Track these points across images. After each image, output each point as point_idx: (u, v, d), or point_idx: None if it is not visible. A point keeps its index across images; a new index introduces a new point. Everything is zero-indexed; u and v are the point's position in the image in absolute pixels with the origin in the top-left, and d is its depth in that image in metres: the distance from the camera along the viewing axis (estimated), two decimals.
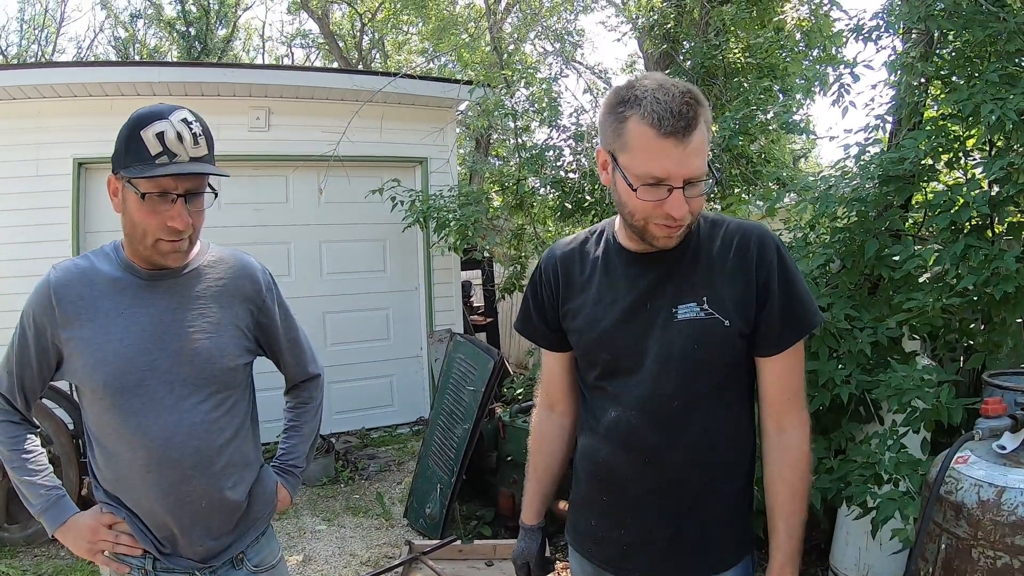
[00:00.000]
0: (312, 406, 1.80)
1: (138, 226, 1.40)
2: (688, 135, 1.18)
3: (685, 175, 1.20)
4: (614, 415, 1.39)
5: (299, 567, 3.70)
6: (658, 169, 1.20)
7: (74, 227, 5.31)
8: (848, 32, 3.34)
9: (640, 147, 1.21)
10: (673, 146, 1.18)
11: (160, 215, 1.38)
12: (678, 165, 1.19)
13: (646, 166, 1.21)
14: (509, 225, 6.69)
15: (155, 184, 1.36)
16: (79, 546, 1.50)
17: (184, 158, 1.36)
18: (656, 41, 6.70)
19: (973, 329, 2.83)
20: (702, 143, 1.21)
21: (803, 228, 3.30)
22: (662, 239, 1.29)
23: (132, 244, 1.46)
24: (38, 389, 1.54)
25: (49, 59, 17.13)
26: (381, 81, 5.81)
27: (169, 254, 1.44)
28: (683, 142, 1.18)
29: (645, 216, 1.26)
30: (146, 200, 1.36)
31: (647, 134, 1.19)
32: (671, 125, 1.17)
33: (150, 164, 1.34)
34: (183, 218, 1.39)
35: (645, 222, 1.27)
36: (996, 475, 1.52)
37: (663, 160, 1.19)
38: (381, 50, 17.81)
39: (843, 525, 3.15)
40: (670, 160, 1.19)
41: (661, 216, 1.24)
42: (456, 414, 4.03)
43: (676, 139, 1.17)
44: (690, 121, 1.17)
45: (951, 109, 2.71)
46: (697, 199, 1.25)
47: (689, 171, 1.20)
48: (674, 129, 1.17)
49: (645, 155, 1.20)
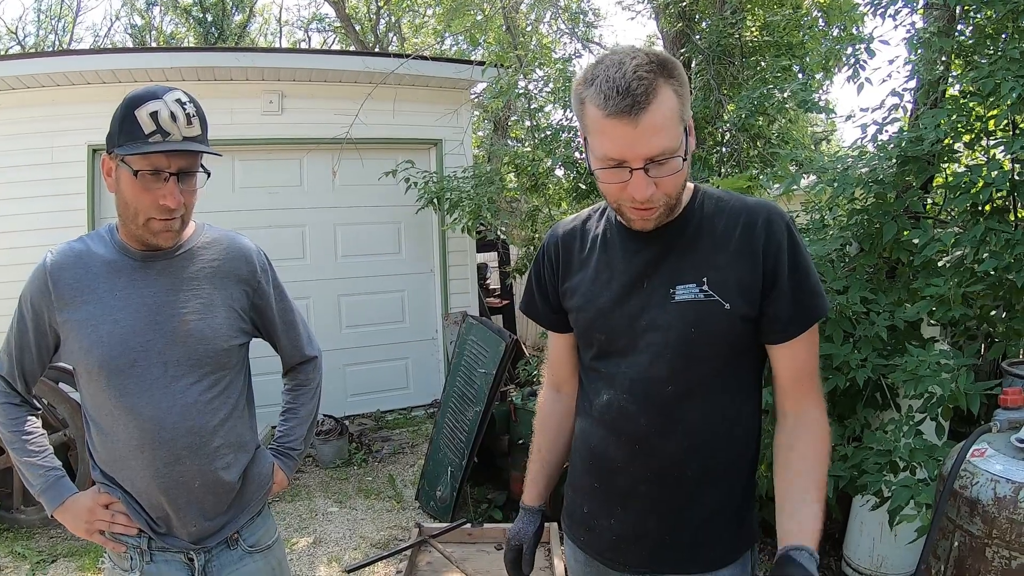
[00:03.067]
0: (309, 388, 1.79)
1: (130, 204, 1.41)
2: (638, 113, 1.10)
3: (643, 155, 1.13)
4: (606, 398, 1.34)
5: (310, 548, 3.73)
6: (612, 150, 1.14)
7: (90, 213, 5.36)
8: (866, 6, 3.23)
9: (594, 129, 1.16)
10: (623, 125, 1.11)
11: (152, 193, 1.38)
12: (632, 145, 1.12)
13: (602, 147, 1.16)
14: (524, 206, 6.64)
15: (148, 162, 1.36)
16: (77, 526, 1.52)
17: (177, 137, 1.37)
18: (671, 20, 6.57)
19: (994, 317, 2.75)
20: (665, 119, 1.12)
21: (820, 209, 3.22)
22: (637, 222, 1.25)
23: (125, 224, 1.46)
24: (38, 372, 1.56)
25: (66, 48, 17.24)
26: (394, 63, 5.76)
27: (160, 233, 1.44)
28: (633, 120, 1.10)
29: (616, 199, 1.22)
30: (139, 177, 1.37)
31: (597, 116, 1.14)
32: (615, 104, 1.10)
33: (143, 142, 1.35)
34: (175, 196, 1.40)
35: (619, 205, 1.23)
36: (1014, 470, 1.43)
37: (615, 140, 1.13)
38: (398, 33, 17.70)
39: (857, 515, 3.11)
40: (622, 140, 1.13)
41: (627, 199, 1.19)
42: (468, 397, 4.03)
43: (625, 118, 1.10)
44: (638, 98, 1.09)
45: (971, 87, 2.62)
46: (668, 178, 1.17)
47: (648, 150, 1.13)
48: (619, 109, 1.10)
49: (599, 137, 1.16)
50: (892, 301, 2.75)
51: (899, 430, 2.36)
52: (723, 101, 5.63)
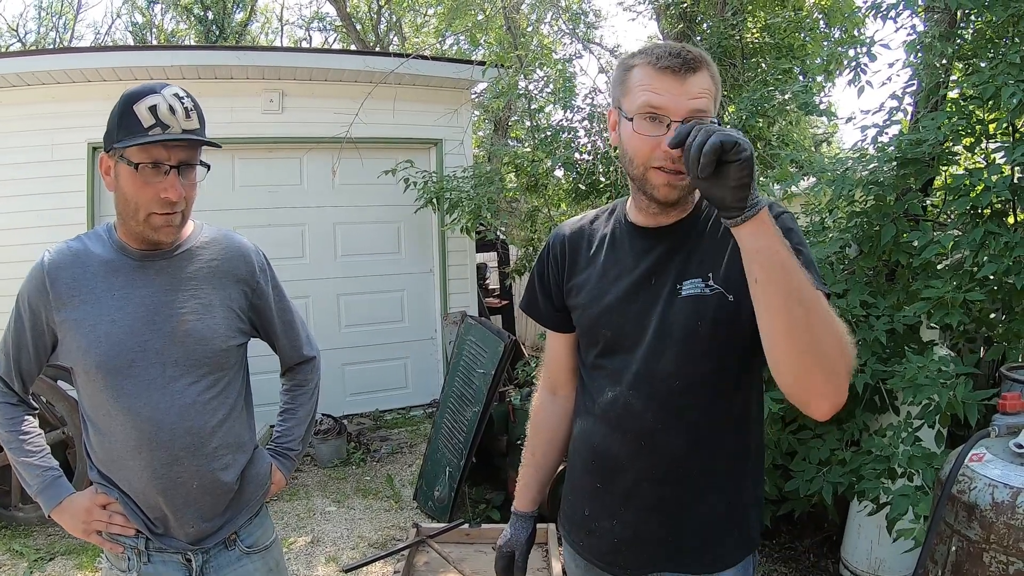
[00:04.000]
0: (307, 389, 1.79)
1: (131, 200, 1.40)
2: (687, 73, 1.18)
3: (685, 109, 1.18)
4: (611, 395, 1.33)
5: (308, 548, 3.72)
6: (656, 99, 1.19)
7: (89, 211, 5.35)
8: (867, 9, 3.23)
9: (639, 84, 1.22)
10: (671, 77, 1.19)
11: (153, 187, 1.38)
12: (677, 97, 1.18)
13: (643, 96, 1.20)
14: (524, 207, 6.63)
15: (148, 154, 1.36)
16: (74, 526, 1.52)
17: (176, 129, 1.37)
18: (672, 21, 6.57)
19: (993, 319, 2.74)
20: (707, 89, 1.20)
21: (820, 211, 3.22)
22: (662, 188, 1.24)
23: (125, 221, 1.46)
24: (35, 371, 1.55)
25: (66, 45, 17.23)
26: (394, 62, 5.76)
27: (161, 228, 1.44)
28: (681, 77, 1.18)
29: (644, 159, 1.23)
30: (139, 171, 1.36)
31: (646, 70, 1.21)
32: (668, 61, 1.19)
33: (143, 134, 1.34)
34: (176, 189, 1.39)
35: (644, 168, 1.24)
36: (1012, 475, 1.43)
37: (661, 91, 1.19)
38: (399, 32, 17.69)
39: (855, 518, 3.10)
40: (668, 92, 1.18)
41: (659, 157, 1.20)
42: (466, 397, 4.02)
43: (674, 73, 1.18)
44: (688, 61, 1.19)
45: (972, 91, 2.62)
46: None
47: (690, 106, 1.18)
48: (671, 64, 1.18)
49: (642, 88, 1.21)
50: (891, 304, 2.75)
51: (898, 436, 2.35)
52: (723, 103, 5.63)
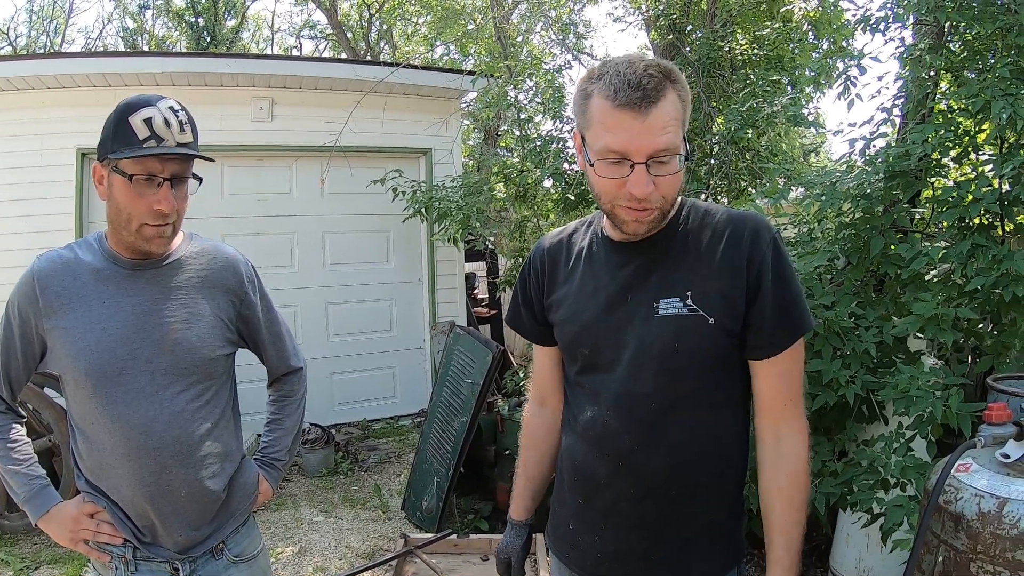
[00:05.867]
0: (294, 399, 1.79)
1: (123, 211, 1.41)
2: (647, 107, 1.11)
3: (647, 150, 1.13)
4: (590, 414, 1.32)
5: (295, 558, 3.69)
6: (614, 142, 1.14)
7: (77, 218, 5.31)
8: (856, 23, 3.26)
9: (598, 121, 1.16)
10: (631, 118, 1.12)
11: (146, 199, 1.39)
12: (637, 137, 1.12)
13: (603, 139, 1.15)
14: (513, 216, 6.64)
15: (142, 166, 1.37)
16: (62, 535, 1.51)
17: (171, 142, 1.38)
18: (662, 32, 6.62)
19: (981, 331, 2.76)
20: (670, 118, 1.13)
21: (808, 223, 3.23)
22: (631, 224, 1.22)
23: (116, 231, 1.46)
24: (23, 379, 1.54)
25: (57, 50, 17.15)
26: (383, 71, 5.77)
27: (153, 239, 1.45)
28: (642, 114, 1.11)
29: (610, 198, 1.20)
30: (133, 183, 1.37)
31: (604, 107, 1.14)
32: (625, 96, 1.11)
33: (138, 147, 1.35)
34: (169, 201, 1.40)
35: (612, 205, 1.21)
36: (998, 485, 1.44)
37: (619, 132, 1.13)
38: (389, 41, 17.73)
39: (844, 527, 3.11)
40: (627, 132, 1.12)
41: (624, 197, 1.18)
42: (454, 407, 4.01)
43: (633, 111, 1.11)
44: (649, 92, 1.11)
45: (960, 104, 2.65)
46: (667, 179, 1.16)
47: (652, 146, 1.12)
48: (629, 100, 1.11)
49: (602, 128, 1.15)
50: (880, 315, 2.77)
51: (890, 447, 2.36)
52: (712, 114, 5.67)
